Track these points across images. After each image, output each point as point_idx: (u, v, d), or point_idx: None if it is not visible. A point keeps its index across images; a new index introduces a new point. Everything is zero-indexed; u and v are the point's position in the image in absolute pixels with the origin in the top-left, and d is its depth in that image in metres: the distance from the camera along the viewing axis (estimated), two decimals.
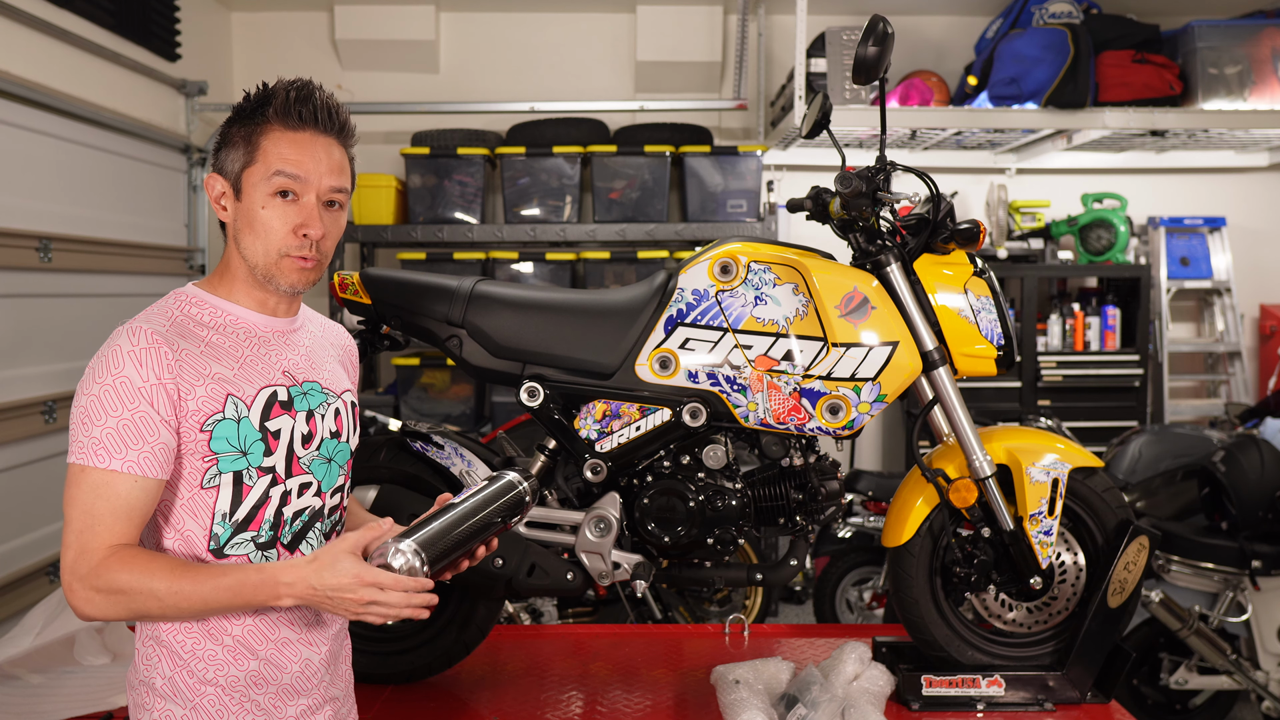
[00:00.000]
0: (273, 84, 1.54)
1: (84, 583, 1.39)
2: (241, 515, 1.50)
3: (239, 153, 1.52)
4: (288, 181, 1.50)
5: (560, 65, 5.50)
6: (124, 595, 1.38)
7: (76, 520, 1.41)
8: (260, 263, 1.53)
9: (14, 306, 3.36)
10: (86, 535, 1.40)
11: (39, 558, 3.48)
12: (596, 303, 2.37)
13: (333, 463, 1.62)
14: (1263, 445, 3.51)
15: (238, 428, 1.48)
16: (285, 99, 1.51)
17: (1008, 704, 2.33)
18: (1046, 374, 5.15)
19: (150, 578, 1.38)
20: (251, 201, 1.51)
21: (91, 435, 1.41)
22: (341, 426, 1.64)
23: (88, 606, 1.40)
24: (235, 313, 1.55)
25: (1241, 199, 5.74)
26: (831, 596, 4.26)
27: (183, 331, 1.48)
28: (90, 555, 1.40)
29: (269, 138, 1.51)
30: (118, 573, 1.38)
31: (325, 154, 1.53)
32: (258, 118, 1.51)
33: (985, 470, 2.28)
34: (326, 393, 1.62)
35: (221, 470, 1.48)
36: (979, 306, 2.27)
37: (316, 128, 1.53)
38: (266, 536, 1.52)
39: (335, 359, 1.71)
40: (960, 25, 5.40)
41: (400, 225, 4.88)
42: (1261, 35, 4.78)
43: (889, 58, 2.17)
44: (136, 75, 4.26)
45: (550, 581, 2.34)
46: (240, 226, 1.53)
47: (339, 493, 1.65)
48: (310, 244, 1.53)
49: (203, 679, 1.49)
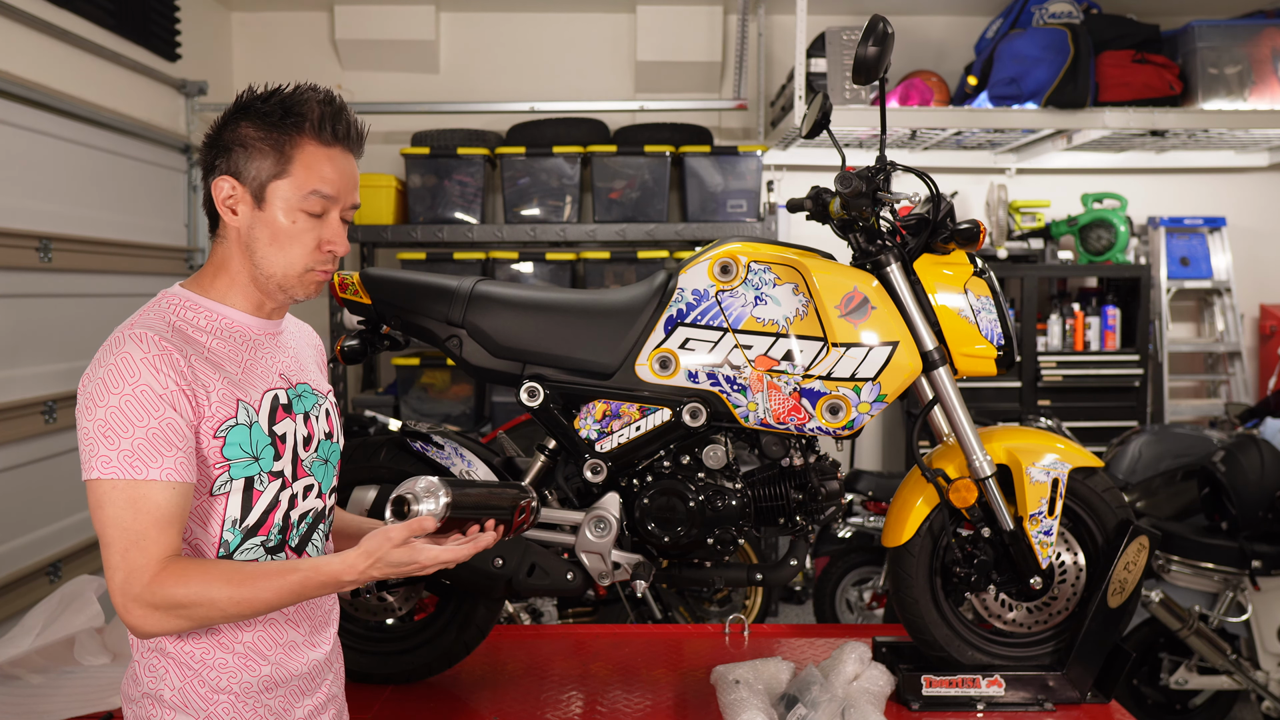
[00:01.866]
0: (288, 88, 1.51)
1: (139, 602, 1.36)
2: (252, 521, 1.49)
3: (267, 162, 1.48)
4: (321, 201, 1.50)
5: (560, 65, 5.50)
6: (184, 609, 1.37)
7: (118, 540, 1.37)
8: (279, 273, 1.51)
9: (14, 306, 3.36)
10: (134, 553, 1.37)
11: (39, 558, 3.48)
12: (596, 303, 2.37)
13: (328, 464, 1.63)
14: (1263, 445, 3.51)
15: (249, 433, 1.47)
16: (321, 114, 1.49)
17: (1008, 704, 2.33)
18: (1046, 374, 5.15)
19: (208, 588, 1.36)
20: (276, 213, 1.49)
21: (120, 448, 1.37)
22: (332, 427, 1.65)
23: (146, 624, 1.37)
24: (231, 316, 1.53)
25: (1241, 199, 5.74)
26: (831, 596, 4.26)
27: (184, 337, 1.46)
28: (141, 574, 1.36)
29: (304, 152, 1.48)
30: (173, 588, 1.36)
31: (351, 171, 1.54)
32: (287, 128, 1.48)
33: (985, 470, 2.28)
34: (316, 394, 1.62)
35: (233, 476, 1.46)
36: (979, 306, 2.27)
37: (347, 145, 1.53)
38: (275, 540, 1.52)
39: (313, 360, 1.70)
40: (960, 25, 5.40)
41: (400, 225, 4.88)
42: (1261, 35, 4.78)
43: (889, 58, 2.17)
44: (136, 75, 4.26)
45: (550, 581, 2.33)
46: (258, 235, 1.50)
47: (334, 493, 1.66)
48: (335, 259, 1.54)
49: (215, 687, 1.48)
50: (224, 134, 1.51)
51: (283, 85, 1.52)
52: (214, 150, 1.52)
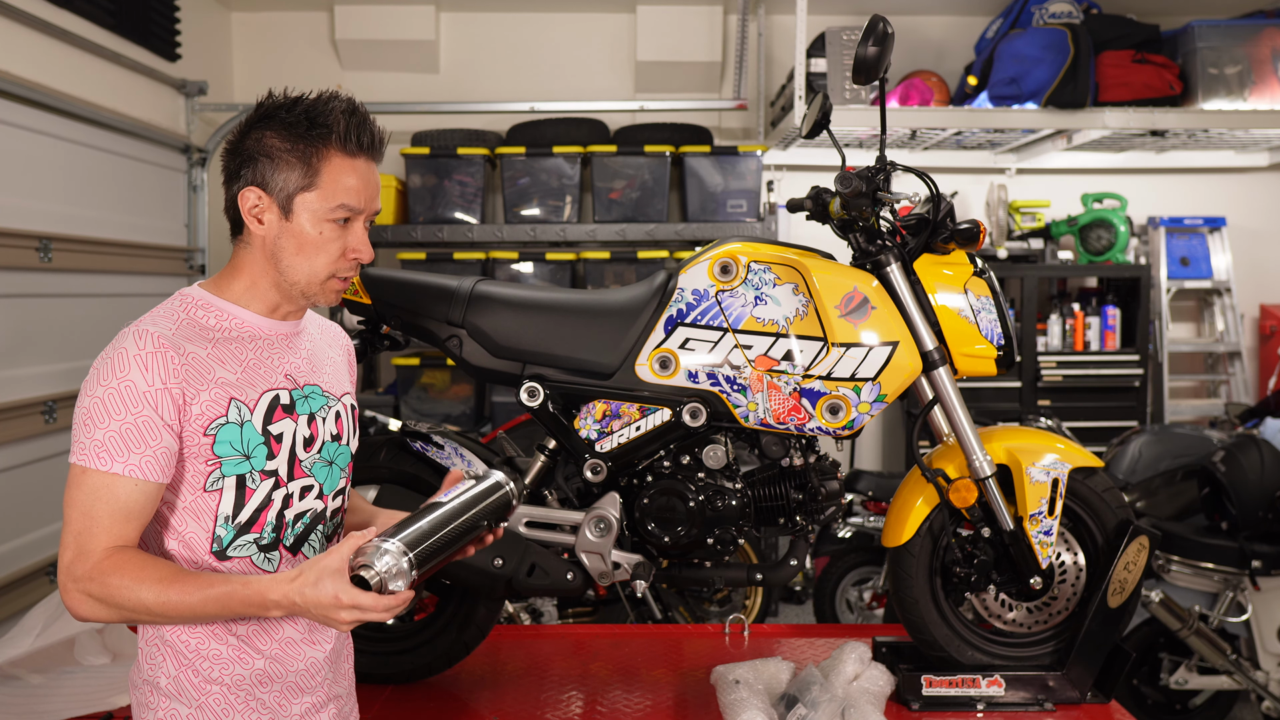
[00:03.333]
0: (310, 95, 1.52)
1: (79, 584, 1.40)
2: (245, 518, 1.50)
3: (295, 174, 1.49)
4: (349, 212, 1.53)
5: (560, 65, 5.50)
6: (113, 601, 1.39)
7: (75, 521, 1.42)
8: (303, 281, 1.54)
9: (14, 306, 3.36)
10: (84, 537, 1.41)
11: (39, 558, 3.47)
12: (596, 303, 2.37)
13: (334, 465, 1.62)
14: (1263, 445, 3.51)
15: (240, 432, 1.48)
16: (346, 125, 1.50)
17: (1008, 704, 2.33)
18: (1046, 374, 5.15)
19: (139, 586, 1.38)
20: (303, 224, 1.51)
21: (94, 437, 1.41)
22: (342, 429, 1.64)
23: (80, 608, 1.41)
24: (243, 317, 1.55)
25: (1241, 199, 5.74)
26: (831, 596, 4.26)
27: (189, 336, 1.48)
28: (88, 557, 1.40)
29: (331, 164, 1.50)
30: (110, 576, 1.39)
31: (375, 180, 1.56)
32: (314, 140, 1.49)
33: (985, 470, 2.28)
34: (327, 396, 1.62)
35: (225, 474, 1.48)
36: (979, 306, 2.27)
37: (370, 154, 1.55)
38: (269, 539, 1.53)
39: (336, 360, 1.71)
40: (960, 25, 5.40)
41: (400, 225, 4.88)
42: (1261, 35, 4.78)
43: (889, 58, 2.17)
44: (136, 75, 4.26)
45: (550, 581, 2.34)
46: (285, 245, 1.52)
47: (340, 495, 1.65)
48: (358, 266, 1.58)
49: (208, 678, 1.50)
50: (247, 142, 1.51)
51: (306, 93, 1.53)
52: (238, 158, 1.52)
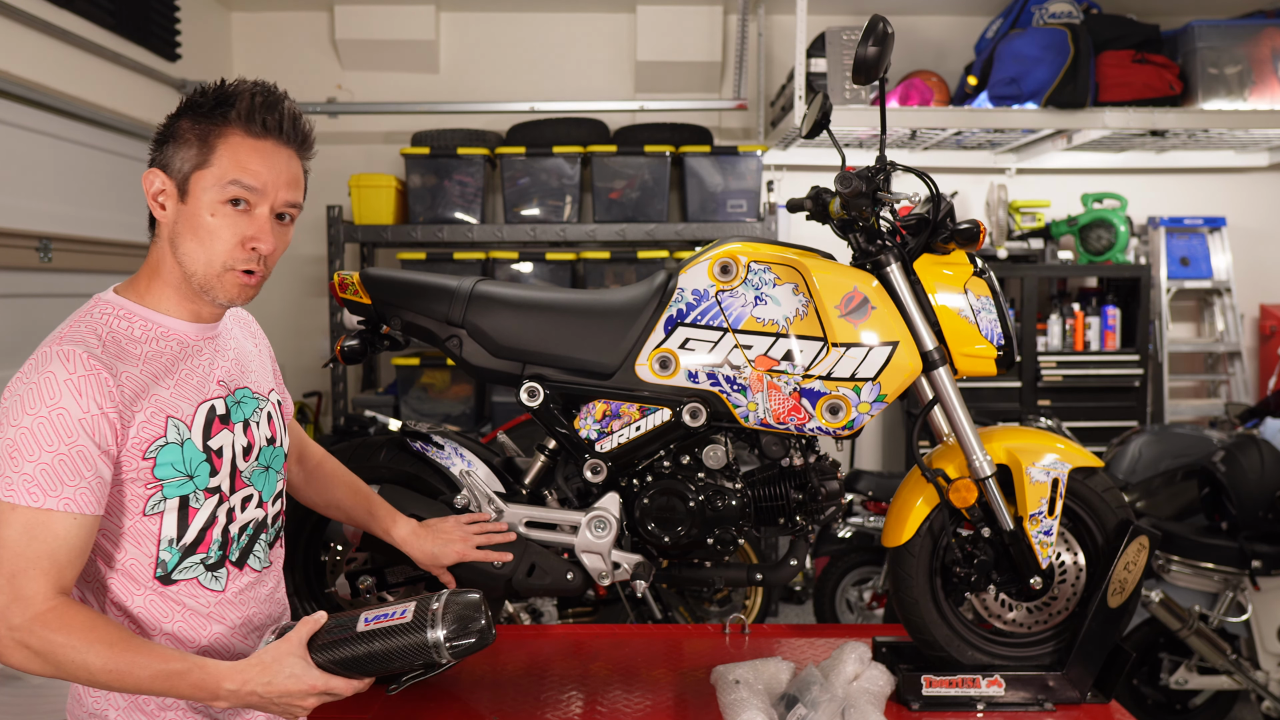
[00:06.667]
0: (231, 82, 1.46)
1: (14, 633, 1.28)
2: (190, 539, 1.44)
3: (190, 152, 1.43)
4: (243, 191, 1.42)
5: (560, 65, 5.50)
6: (56, 659, 1.28)
7: (8, 563, 1.29)
8: (200, 272, 1.44)
9: (14, 306, 3.36)
10: (20, 580, 1.29)
11: None
12: (596, 303, 2.37)
13: (270, 470, 1.57)
14: (1263, 445, 3.51)
15: (181, 451, 1.41)
16: (250, 104, 1.43)
17: (1008, 704, 2.33)
18: (1046, 374, 5.15)
19: (88, 648, 1.28)
20: (198, 206, 1.42)
21: (22, 471, 1.29)
22: (275, 431, 1.59)
23: (13, 658, 1.29)
24: (165, 324, 1.46)
25: (1241, 199, 5.74)
26: (831, 596, 4.26)
27: (118, 351, 1.39)
28: (25, 605, 1.28)
29: (228, 142, 1.42)
30: (54, 633, 1.28)
31: (285, 166, 1.46)
32: (216, 118, 1.43)
33: (985, 470, 2.28)
34: (257, 397, 1.57)
35: (167, 496, 1.41)
36: (979, 306, 2.27)
37: (280, 138, 1.46)
38: (215, 557, 1.48)
39: (257, 354, 1.64)
40: (960, 25, 5.40)
41: (400, 225, 4.88)
42: (1261, 35, 4.78)
43: (889, 58, 2.17)
44: (136, 75, 4.26)
45: (550, 581, 2.33)
46: (181, 231, 1.44)
47: (279, 499, 1.60)
48: (259, 258, 1.45)
49: (162, 704, 1.43)
50: (164, 129, 1.48)
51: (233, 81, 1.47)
52: (153, 145, 1.49)
